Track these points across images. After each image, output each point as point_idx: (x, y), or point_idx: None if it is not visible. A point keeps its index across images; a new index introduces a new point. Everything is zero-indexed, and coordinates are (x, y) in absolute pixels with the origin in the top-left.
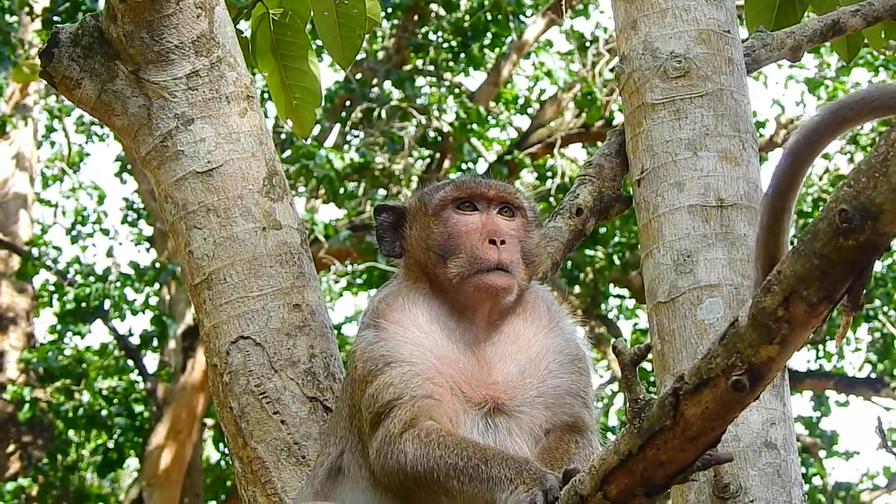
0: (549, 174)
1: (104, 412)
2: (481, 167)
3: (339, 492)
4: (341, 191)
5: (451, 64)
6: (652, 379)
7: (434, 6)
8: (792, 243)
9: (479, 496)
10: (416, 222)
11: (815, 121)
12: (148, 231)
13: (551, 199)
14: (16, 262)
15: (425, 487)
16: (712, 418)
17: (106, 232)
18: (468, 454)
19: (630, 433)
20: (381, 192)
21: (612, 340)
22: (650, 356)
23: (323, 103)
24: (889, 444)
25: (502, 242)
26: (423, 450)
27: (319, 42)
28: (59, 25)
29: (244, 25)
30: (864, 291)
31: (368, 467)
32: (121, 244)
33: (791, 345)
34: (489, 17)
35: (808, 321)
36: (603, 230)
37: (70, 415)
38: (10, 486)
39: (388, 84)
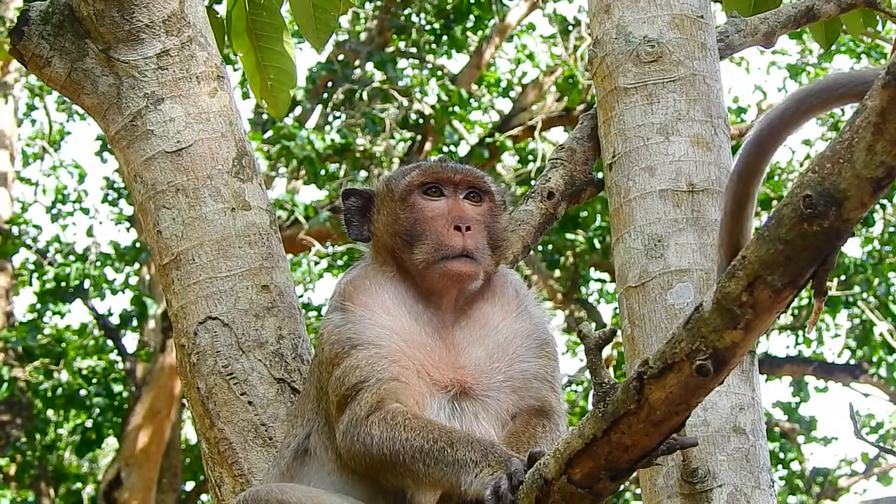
0: (530, 157)
1: (83, 392)
2: (463, 150)
3: (305, 473)
4: (322, 172)
5: (433, 46)
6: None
7: None
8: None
9: (444, 479)
10: (384, 207)
11: (780, 109)
12: (128, 210)
13: (532, 182)
14: None
15: (391, 470)
16: (676, 403)
17: (86, 211)
18: (434, 437)
19: (595, 417)
20: (363, 173)
21: (578, 325)
22: (620, 338)
23: (304, 84)
24: (861, 430)
25: (468, 229)
26: (388, 432)
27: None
28: (30, 3)
29: (220, 7)
30: (844, 277)
31: (335, 449)
32: (101, 223)
33: (755, 330)
34: None
35: (772, 306)
36: (584, 214)
37: (49, 394)
38: None
39: (370, 66)
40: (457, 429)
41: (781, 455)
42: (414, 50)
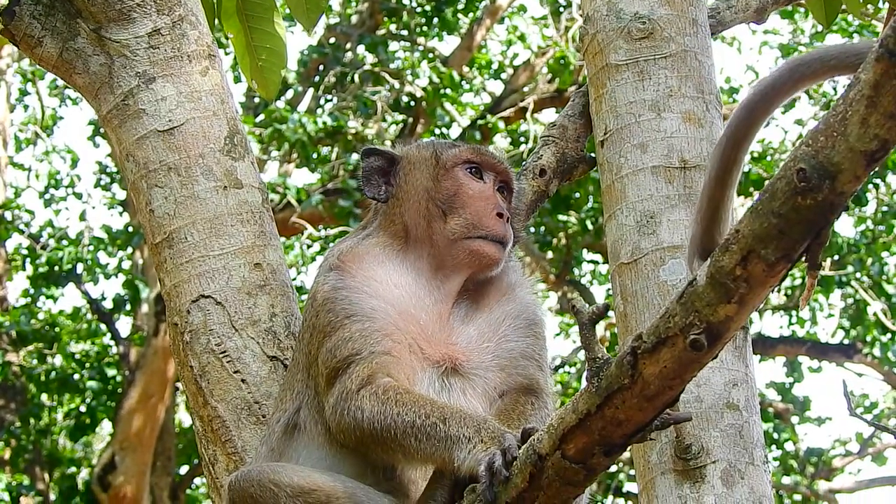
0: (522, 139)
1: (77, 376)
2: (455, 132)
3: (294, 448)
4: (314, 155)
5: (424, 28)
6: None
7: None
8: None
9: (436, 454)
10: (419, 171)
11: (773, 77)
12: (121, 195)
13: (524, 163)
14: None
15: (382, 445)
16: (670, 377)
17: (79, 196)
18: (426, 412)
19: (588, 392)
20: (354, 156)
21: (571, 300)
22: (613, 317)
23: (296, 68)
24: (855, 410)
25: (507, 219)
26: (380, 407)
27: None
28: None
29: None
30: (837, 257)
31: (325, 423)
32: (94, 208)
33: (749, 304)
34: None
35: (766, 280)
36: (577, 195)
37: (42, 378)
38: None
39: (361, 48)
40: (449, 404)
41: (775, 435)
42: (405, 32)
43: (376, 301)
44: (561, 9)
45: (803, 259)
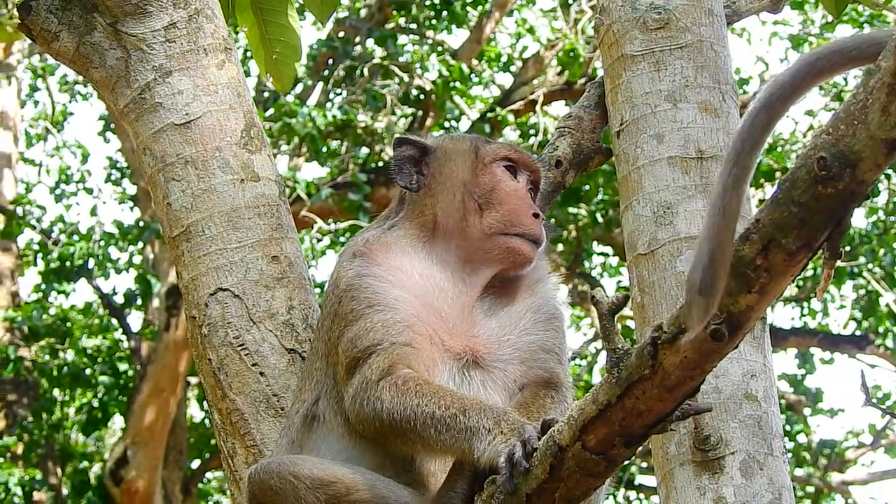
0: (531, 132)
1: (88, 371)
2: (464, 125)
3: (314, 440)
4: (324, 149)
5: (433, 22)
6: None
7: None
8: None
9: (455, 446)
10: (455, 164)
11: (791, 72)
12: (132, 190)
13: (540, 155)
14: (0, 221)
15: (401, 436)
16: (691, 367)
17: (90, 191)
18: (446, 403)
19: (608, 383)
20: (364, 150)
21: (591, 291)
22: (630, 309)
23: (305, 61)
24: (872, 399)
25: (542, 220)
26: (399, 398)
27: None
28: None
29: None
30: (849, 248)
31: (344, 414)
32: (105, 203)
33: (770, 293)
34: None
35: (786, 269)
36: (586, 188)
37: (55, 373)
38: None
39: (370, 42)
40: (469, 396)
41: (788, 427)
42: (414, 26)
43: (400, 291)
44: (570, 1)
45: (823, 248)
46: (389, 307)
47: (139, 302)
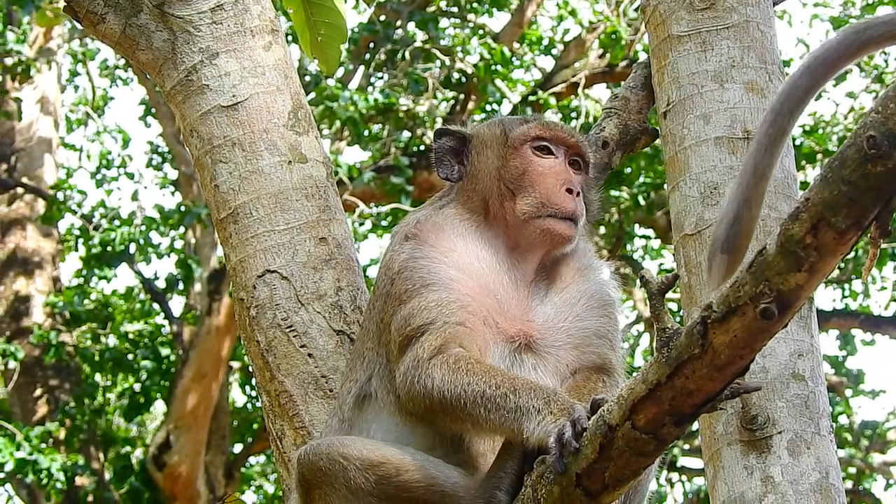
0: (573, 115)
1: (130, 356)
2: (506, 108)
3: (365, 419)
4: (365, 133)
5: (474, 5)
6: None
7: None
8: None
9: (505, 425)
10: (488, 150)
11: (837, 40)
12: (173, 174)
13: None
14: (41, 206)
15: (451, 414)
16: (740, 347)
17: (131, 176)
18: (496, 382)
19: (658, 362)
20: (406, 133)
21: (640, 271)
22: (677, 289)
23: (347, 46)
24: None
25: (578, 194)
26: (450, 376)
27: None
28: None
29: None
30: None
31: (395, 392)
32: (146, 188)
33: (819, 272)
34: None
35: (836, 248)
36: (628, 170)
37: (97, 358)
38: (37, 430)
39: (411, 26)
40: (520, 376)
41: (829, 409)
42: (455, 9)
43: (455, 272)
44: None
45: (872, 227)
46: (444, 286)
47: (181, 287)
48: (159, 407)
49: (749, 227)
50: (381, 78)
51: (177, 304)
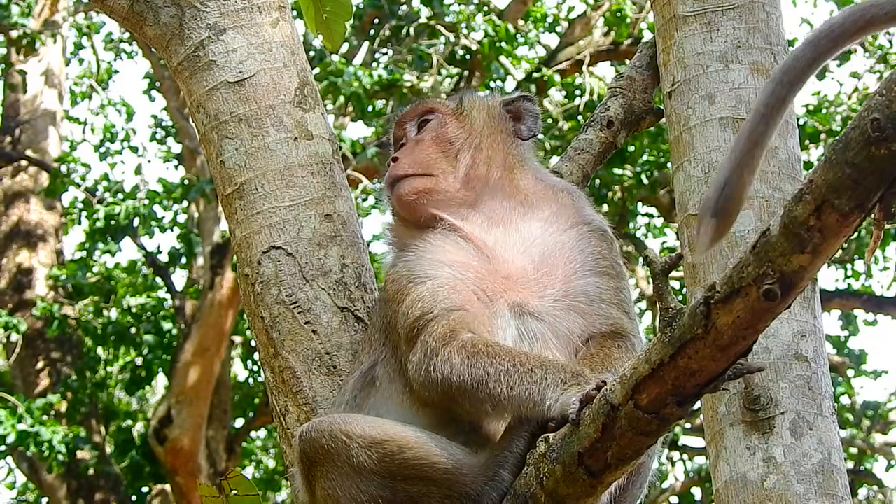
0: (577, 92)
1: (133, 329)
2: (510, 85)
3: (370, 403)
4: (369, 108)
5: None
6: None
7: None
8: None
9: (529, 398)
10: None
11: (844, 14)
12: (176, 148)
13: (580, 117)
14: (45, 179)
15: (470, 397)
16: (743, 327)
17: (135, 149)
18: (520, 360)
19: (661, 342)
20: None
21: (644, 251)
22: (680, 268)
23: (351, 21)
24: None
25: (394, 160)
26: (471, 359)
27: None
28: None
29: None
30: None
31: (401, 381)
32: (149, 161)
33: (823, 254)
34: None
35: (839, 230)
36: (631, 148)
37: (99, 332)
38: (39, 402)
39: (416, 2)
40: (541, 354)
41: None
42: None
43: (431, 263)
44: None
45: (877, 209)
46: (428, 276)
47: (183, 261)
48: (161, 381)
49: (740, 193)
50: (386, 54)
51: (179, 277)
